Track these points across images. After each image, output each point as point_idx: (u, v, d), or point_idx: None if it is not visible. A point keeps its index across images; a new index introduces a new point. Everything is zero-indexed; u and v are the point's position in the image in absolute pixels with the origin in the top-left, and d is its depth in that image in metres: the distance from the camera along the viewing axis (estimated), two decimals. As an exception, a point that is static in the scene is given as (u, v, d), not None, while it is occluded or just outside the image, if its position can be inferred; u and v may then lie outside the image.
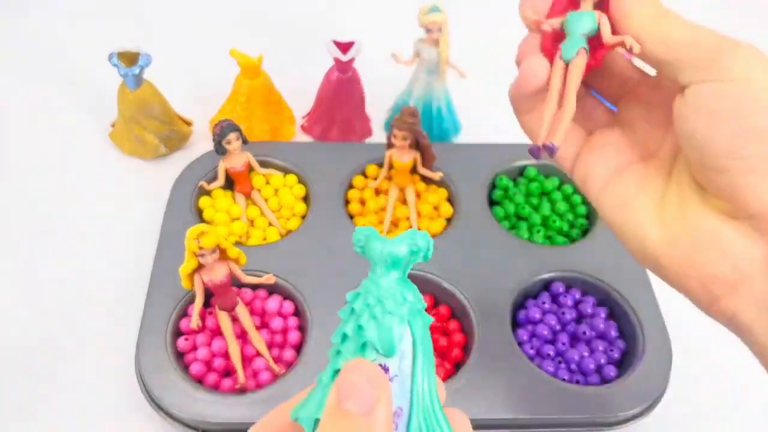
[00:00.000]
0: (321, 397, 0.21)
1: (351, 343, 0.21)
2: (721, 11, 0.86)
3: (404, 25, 0.64)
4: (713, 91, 0.24)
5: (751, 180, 0.24)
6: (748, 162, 0.24)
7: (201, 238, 0.41)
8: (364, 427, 0.19)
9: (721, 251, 0.26)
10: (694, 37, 0.25)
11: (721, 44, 0.25)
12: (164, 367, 0.43)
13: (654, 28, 0.26)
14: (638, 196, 0.29)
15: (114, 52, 0.55)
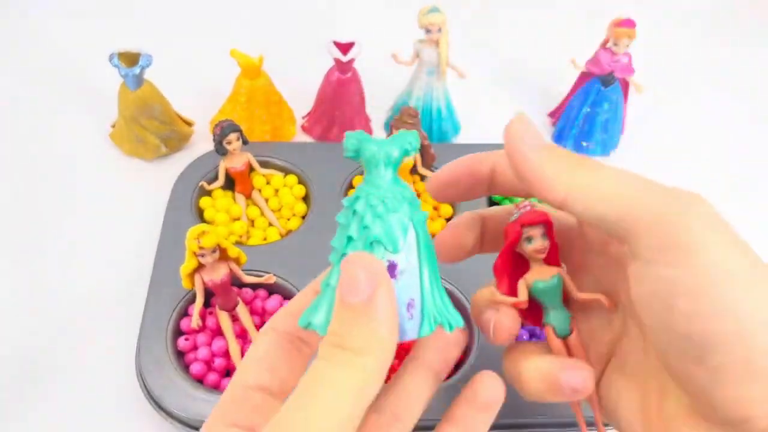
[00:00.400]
0: (330, 299, 0.21)
1: (357, 243, 0.22)
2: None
3: (404, 26, 0.64)
4: (663, 280, 0.19)
5: (722, 392, 0.19)
6: (718, 372, 0.19)
7: (201, 238, 0.41)
8: (366, 315, 0.19)
9: None
10: (631, 194, 0.20)
11: (665, 205, 0.20)
12: (165, 367, 0.43)
13: (575, 180, 0.21)
14: (621, 399, 0.24)
15: (114, 53, 0.55)
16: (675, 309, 0.19)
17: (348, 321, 0.20)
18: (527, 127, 0.22)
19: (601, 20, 0.61)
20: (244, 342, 0.46)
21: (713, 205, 0.20)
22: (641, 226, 0.20)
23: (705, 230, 0.19)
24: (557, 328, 0.25)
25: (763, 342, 0.19)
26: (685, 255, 0.19)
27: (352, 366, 0.19)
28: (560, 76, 0.68)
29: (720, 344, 0.19)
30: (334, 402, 0.19)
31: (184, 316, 0.47)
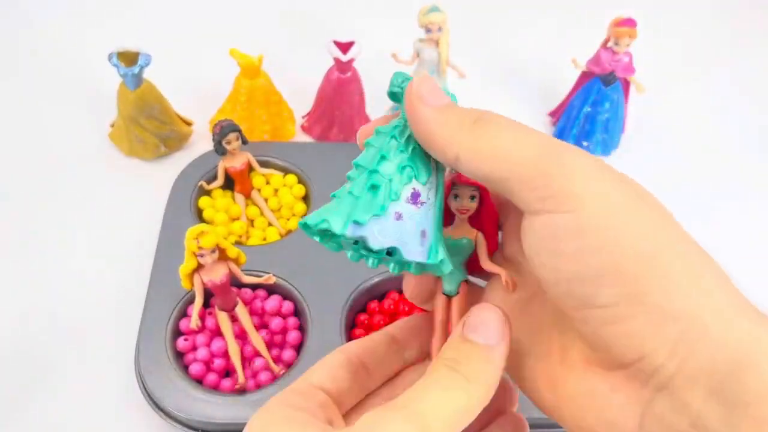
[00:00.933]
0: (351, 206, 0.22)
1: (390, 164, 0.23)
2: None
3: (404, 25, 0.64)
4: (549, 226, 0.20)
5: (614, 329, 0.19)
6: (608, 311, 0.19)
7: (200, 238, 0.41)
8: (487, 356, 0.21)
9: (599, 417, 0.21)
10: (518, 147, 0.20)
11: (548, 155, 0.20)
12: (164, 367, 0.43)
13: (466, 139, 0.21)
14: (528, 352, 0.24)
15: (114, 52, 0.55)
16: (561, 252, 0.20)
17: (467, 353, 0.21)
18: (429, 86, 0.22)
19: (601, 20, 0.61)
20: (243, 342, 0.46)
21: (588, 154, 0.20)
22: (522, 181, 0.20)
23: (581, 172, 0.20)
24: (444, 285, 0.26)
25: (647, 273, 0.18)
26: (565, 199, 0.19)
27: (461, 389, 0.20)
28: (561, 76, 0.68)
29: (605, 280, 0.19)
30: (436, 417, 0.20)
31: (183, 317, 0.47)
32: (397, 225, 0.22)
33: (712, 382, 0.18)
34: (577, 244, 0.19)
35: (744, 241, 0.57)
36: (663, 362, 0.18)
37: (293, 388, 0.23)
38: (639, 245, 0.19)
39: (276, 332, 0.47)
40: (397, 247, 0.22)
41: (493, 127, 0.21)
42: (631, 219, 0.19)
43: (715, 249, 0.22)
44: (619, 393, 0.20)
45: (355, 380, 0.25)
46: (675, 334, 0.18)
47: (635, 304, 0.19)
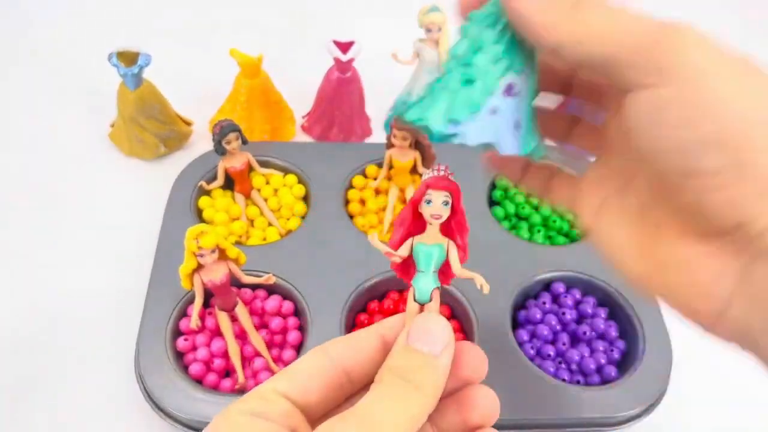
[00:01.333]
0: (449, 101, 0.23)
1: (488, 52, 0.23)
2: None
3: (404, 25, 0.64)
4: (654, 99, 0.20)
5: (717, 196, 0.20)
6: (711, 178, 0.20)
7: (200, 238, 0.41)
8: (432, 364, 0.22)
9: (692, 283, 0.22)
10: (622, 27, 0.21)
11: (655, 33, 0.20)
12: (164, 367, 0.43)
13: (567, 23, 0.21)
14: (616, 230, 0.25)
15: (113, 52, 0.55)
16: (665, 121, 0.20)
17: (414, 362, 0.22)
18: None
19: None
20: (243, 342, 0.46)
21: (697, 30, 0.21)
22: (627, 60, 0.20)
23: (690, 47, 0.20)
24: (417, 293, 0.26)
25: (754, 139, 0.19)
26: (672, 72, 0.20)
27: (412, 398, 0.21)
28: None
29: (711, 148, 0.19)
30: (389, 426, 0.21)
31: (183, 317, 0.47)
32: (492, 120, 0.23)
33: None
34: (684, 114, 0.19)
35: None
36: (764, 228, 0.19)
37: (257, 392, 0.23)
38: (749, 116, 0.19)
39: (276, 332, 0.47)
40: (493, 142, 0.23)
41: (594, 9, 0.21)
42: (742, 89, 0.20)
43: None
44: (715, 259, 0.21)
45: (331, 390, 0.24)
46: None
47: (739, 171, 0.19)
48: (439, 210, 0.25)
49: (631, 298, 0.49)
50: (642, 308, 0.48)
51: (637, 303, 0.48)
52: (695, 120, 0.19)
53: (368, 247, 0.51)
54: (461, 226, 0.26)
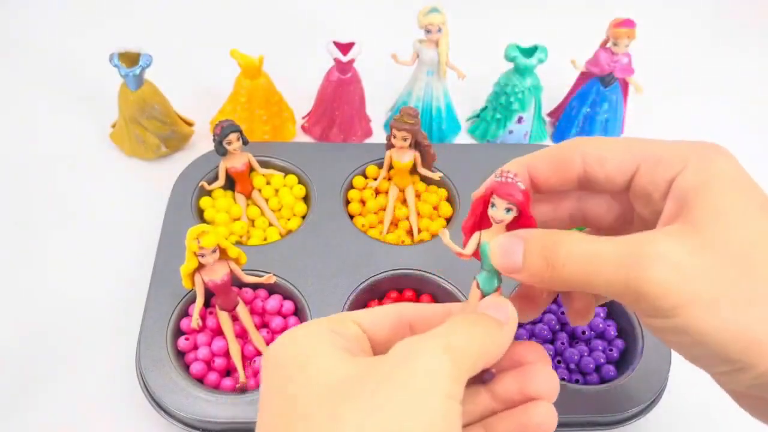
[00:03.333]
0: None
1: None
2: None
3: (404, 26, 0.64)
4: (656, 327, 0.25)
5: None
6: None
7: (201, 238, 0.41)
8: (501, 329, 0.26)
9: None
10: (597, 271, 0.24)
11: (625, 271, 0.24)
12: (165, 367, 0.43)
13: (555, 280, 0.25)
14: None
15: (115, 53, 0.55)
16: (670, 342, 0.26)
17: (484, 316, 0.26)
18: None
19: (600, 20, 0.61)
20: (244, 342, 0.46)
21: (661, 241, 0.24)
22: (616, 295, 0.25)
23: (658, 283, 0.23)
24: (481, 285, 0.28)
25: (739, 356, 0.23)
26: (655, 309, 0.24)
27: (489, 331, 0.25)
28: (560, 76, 0.68)
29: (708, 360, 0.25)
30: (466, 351, 0.23)
31: (184, 316, 0.47)
32: None
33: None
34: (680, 340, 0.24)
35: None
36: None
37: (337, 316, 0.26)
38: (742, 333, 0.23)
39: (277, 332, 0.47)
40: None
41: (568, 259, 0.25)
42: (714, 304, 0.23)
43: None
44: None
45: (396, 335, 0.27)
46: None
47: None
48: (501, 216, 0.26)
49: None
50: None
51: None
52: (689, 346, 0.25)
53: (368, 247, 0.51)
54: (521, 223, 0.27)
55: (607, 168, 0.28)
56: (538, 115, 0.64)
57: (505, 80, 0.61)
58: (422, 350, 0.23)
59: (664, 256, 0.23)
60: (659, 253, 0.23)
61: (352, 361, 0.23)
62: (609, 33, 0.59)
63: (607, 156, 0.28)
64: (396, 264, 0.50)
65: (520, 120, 0.63)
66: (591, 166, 0.28)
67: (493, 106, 0.63)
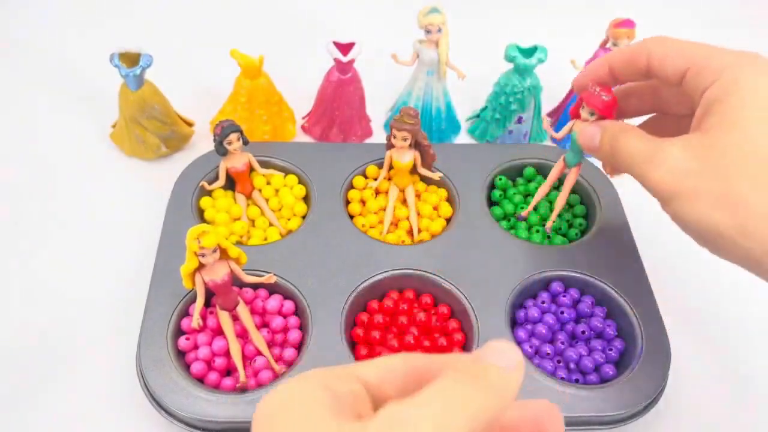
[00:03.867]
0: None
1: None
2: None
3: (404, 26, 0.64)
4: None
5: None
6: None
7: (201, 238, 0.41)
8: (506, 379, 0.21)
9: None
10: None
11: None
12: (165, 366, 0.44)
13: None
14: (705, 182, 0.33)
15: (115, 53, 0.55)
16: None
17: (481, 367, 0.22)
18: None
19: (601, 20, 0.61)
20: (244, 342, 0.46)
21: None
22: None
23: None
24: (567, 159, 0.50)
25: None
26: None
27: (474, 395, 0.20)
28: (560, 76, 0.68)
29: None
30: (457, 416, 0.20)
31: (184, 316, 0.47)
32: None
33: None
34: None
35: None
36: None
37: (339, 369, 0.23)
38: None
39: (277, 331, 0.47)
40: None
41: (621, 144, 0.38)
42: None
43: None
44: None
45: (405, 389, 0.23)
46: None
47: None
48: (586, 116, 0.43)
49: (629, 298, 0.49)
50: (640, 307, 0.48)
51: (635, 302, 0.49)
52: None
53: (368, 247, 0.51)
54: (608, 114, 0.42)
55: (665, 67, 0.35)
56: (537, 115, 0.64)
57: (505, 80, 0.61)
58: (407, 423, 0.20)
59: (667, 160, 0.33)
60: (665, 158, 0.33)
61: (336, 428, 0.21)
62: (608, 33, 0.59)
63: (664, 56, 0.35)
64: (396, 264, 0.50)
65: (520, 120, 0.63)
66: (653, 64, 0.36)
67: (493, 107, 0.63)
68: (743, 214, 0.30)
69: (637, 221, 0.55)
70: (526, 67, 0.59)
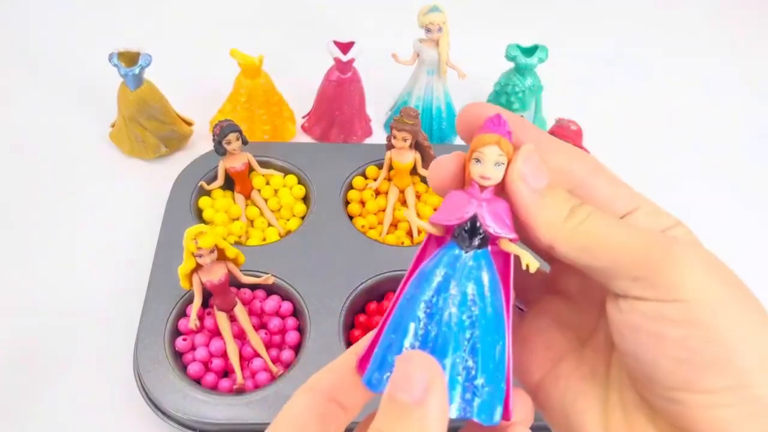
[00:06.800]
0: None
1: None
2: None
3: (404, 25, 0.64)
4: (653, 313, 0.20)
5: (709, 414, 0.20)
6: (707, 396, 0.20)
7: (199, 239, 0.41)
8: (416, 416, 0.19)
9: None
10: (621, 240, 0.21)
11: (654, 249, 0.20)
12: (162, 368, 0.43)
13: (565, 229, 0.22)
14: (578, 401, 0.24)
15: (114, 52, 0.55)
16: (666, 337, 0.20)
17: (396, 418, 0.19)
18: (532, 165, 0.22)
19: (601, 20, 0.61)
20: (242, 343, 0.46)
21: (694, 235, 0.22)
22: (623, 271, 0.21)
23: (691, 269, 0.20)
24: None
25: (755, 368, 0.20)
26: (677, 291, 0.20)
27: (395, 416, 0.19)
28: (560, 76, 0.68)
29: (714, 370, 0.20)
30: None
31: (182, 317, 0.47)
32: None
33: None
34: (686, 333, 0.20)
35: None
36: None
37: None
38: (748, 342, 0.20)
39: (275, 333, 0.47)
40: None
41: (590, 218, 0.22)
42: (742, 317, 0.20)
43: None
44: None
45: (326, 425, 0.22)
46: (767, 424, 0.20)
47: (738, 394, 0.20)
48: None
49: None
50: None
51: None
52: (698, 340, 0.20)
53: (368, 248, 0.51)
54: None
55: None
56: (538, 115, 0.64)
57: (506, 80, 0.61)
58: None
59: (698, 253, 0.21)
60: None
61: None
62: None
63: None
64: (395, 265, 0.50)
65: None
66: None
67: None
68: None
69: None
70: (527, 66, 0.59)
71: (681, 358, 0.20)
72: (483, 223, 0.21)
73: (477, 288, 0.21)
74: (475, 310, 0.21)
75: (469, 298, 0.21)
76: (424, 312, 0.21)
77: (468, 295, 0.21)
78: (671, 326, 0.20)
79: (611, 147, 0.61)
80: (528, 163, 0.22)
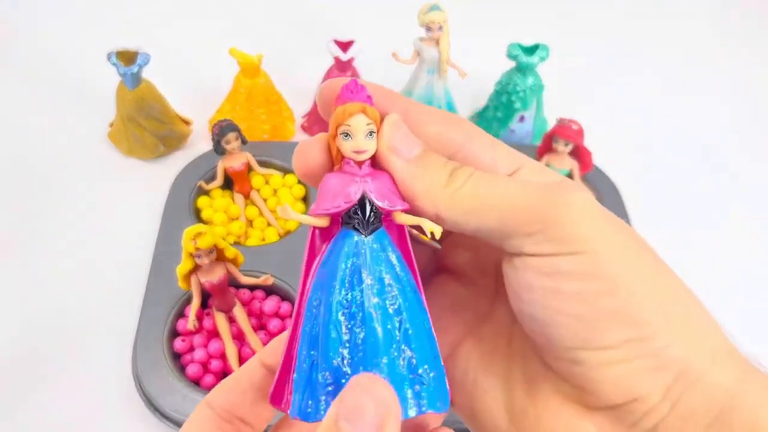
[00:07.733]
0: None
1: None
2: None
3: (404, 25, 0.63)
4: (549, 268, 0.19)
5: (610, 372, 0.19)
6: (606, 353, 0.19)
7: (197, 239, 0.40)
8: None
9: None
10: (506, 199, 0.20)
11: (545, 201, 0.19)
12: (161, 369, 0.43)
13: (451, 199, 0.20)
14: (479, 382, 0.22)
15: (113, 51, 0.55)
16: (563, 292, 0.19)
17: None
18: (400, 135, 0.21)
19: (601, 20, 0.61)
20: (241, 344, 0.46)
21: (584, 189, 0.20)
22: (514, 228, 0.19)
23: (582, 215, 0.19)
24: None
25: (654, 320, 0.19)
26: (570, 242, 0.19)
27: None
28: (560, 76, 0.68)
29: (613, 324, 0.19)
30: None
31: (180, 318, 0.47)
32: None
33: (705, 420, 0.18)
34: (583, 286, 0.19)
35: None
36: (656, 404, 0.18)
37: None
38: (647, 292, 0.19)
39: (274, 333, 0.47)
40: None
41: (472, 179, 0.20)
42: (638, 265, 0.19)
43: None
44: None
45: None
46: (671, 377, 0.18)
47: (638, 347, 0.18)
48: (563, 149, 0.38)
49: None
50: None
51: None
52: (595, 294, 0.19)
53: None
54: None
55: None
56: (539, 114, 0.63)
57: (507, 79, 0.61)
58: None
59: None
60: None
61: None
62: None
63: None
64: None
65: (522, 119, 0.62)
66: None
67: (495, 105, 0.63)
68: None
69: (638, 221, 0.54)
70: (528, 65, 0.58)
71: (578, 313, 0.19)
72: (374, 201, 0.19)
73: (390, 270, 0.19)
74: (395, 294, 0.19)
75: (386, 283, 0.19)
76: (343, 314, 0.19)
77: (385, 280, 0.19)
78: (567, 280, 0.19)
79: (612, 146, 0.61)
80: (396, 133, 0.20)
